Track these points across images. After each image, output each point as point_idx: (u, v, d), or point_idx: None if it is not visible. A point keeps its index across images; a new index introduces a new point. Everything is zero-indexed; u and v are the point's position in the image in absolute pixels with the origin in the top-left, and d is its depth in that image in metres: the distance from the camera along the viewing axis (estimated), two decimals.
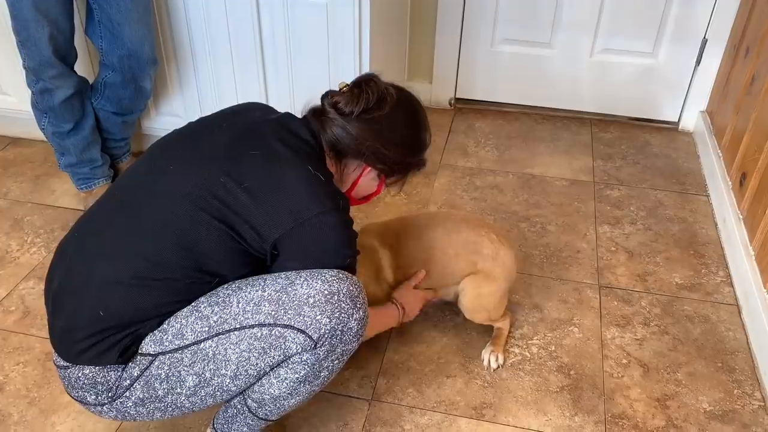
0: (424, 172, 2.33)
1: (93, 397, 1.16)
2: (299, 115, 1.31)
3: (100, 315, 1.11)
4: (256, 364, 1.14)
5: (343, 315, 1.14)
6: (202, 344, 1.13)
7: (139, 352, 1.14)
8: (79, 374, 1.15)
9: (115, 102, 2.06)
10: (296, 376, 1.16)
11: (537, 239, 2.06)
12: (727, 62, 2.39)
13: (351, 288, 1.17)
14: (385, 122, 1.27)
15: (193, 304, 1.16)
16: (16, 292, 1.83)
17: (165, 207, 1.14)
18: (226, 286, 1.18)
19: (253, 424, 1.26)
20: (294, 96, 2.14)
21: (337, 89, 1.30)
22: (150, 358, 1.13)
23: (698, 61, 2.48)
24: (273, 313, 1.13)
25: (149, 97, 2.13)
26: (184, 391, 1.15)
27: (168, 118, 2.32)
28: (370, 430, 1.48)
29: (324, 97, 1.30)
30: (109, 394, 1.15)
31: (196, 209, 1.13)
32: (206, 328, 1.13)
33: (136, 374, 1.14)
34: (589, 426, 1.50)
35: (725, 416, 1.52)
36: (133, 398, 1.15)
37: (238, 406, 1.25)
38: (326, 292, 1.14)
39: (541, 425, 1.50)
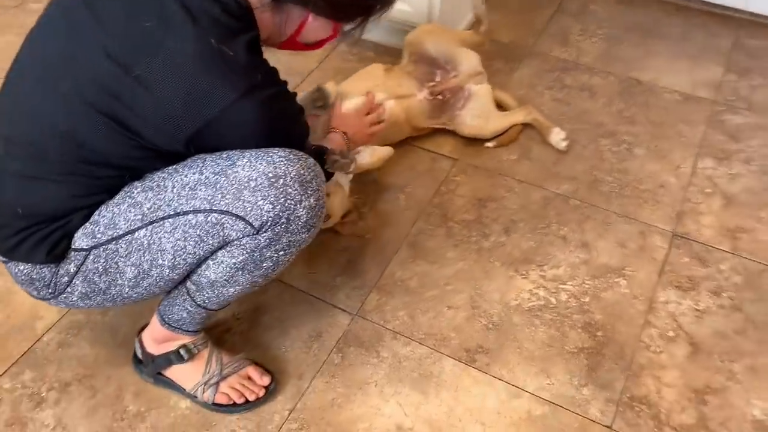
0: (505, 57, 1.99)
1: (35, 292, 1.09)
2: None
3: (18, 212, 1.01)
4: (194, 252, 1.02)
5: (289, 201, 0.98)
6: (136, 233, 1.01)
7: (72, 247, 1.03)
8: (16, 270, 1.07)
9: None
10: (234, 261, 1.03)
11: (616, 162, 1.69)
12: None
13: (302, 171, 0.99)
14: None
15: (125, 189, 1.03)
16: None
17: (49, 101, 0.98)
18: (162, 169, 1.02)
19: (192, 310, 1.14)
20: None
21: None
22: (84, 252, 1.03)
23: None
24: (209, 198, 0.98)
25: None
26: (126, 283, 1.06)
27: None
28: (342, 348, 1.32)
29: None
30: (49, 290, 1.07)
31: (81, 103, 0.95)
32: (139, 216, 1.01)
33: (72, 270, 1.04)
34: (596, 403, 1.24)
35: None
36: (76, 293, 1.07)
37: (179, 287, 1.14)
38: (270, 175, 0.97)
39: (538, 388, 1.26)
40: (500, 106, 1.76)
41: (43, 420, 1.22)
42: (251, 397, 1.22)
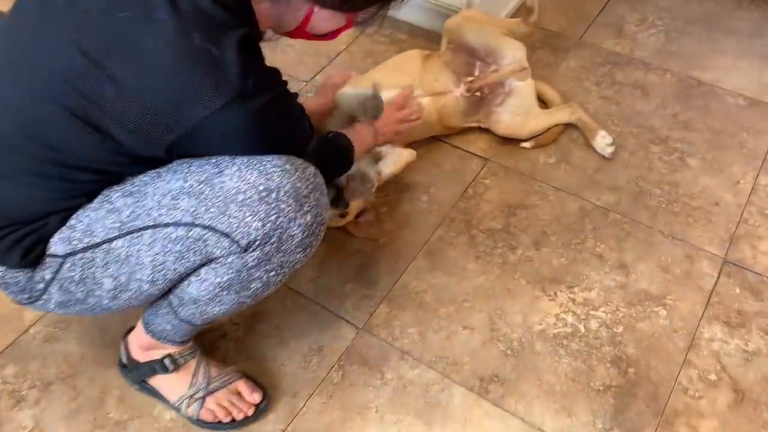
0: (552, 46, 1.82)
1: (11, 296, 1.00)
2: None
3: None
4: (174, 269, 0.92)
5: (281, 219, 0.87)
6: (114, 243, 0.91)
7: (48, 253, 0.93)
8: None
9: None
10: (218, 279, 0.93)
11: (666, 173, 1.52)
12: None
13: (299, 184, 0.88)
14: None
15: (104, 193, 0.92)
16: None
17: (16, 94, 0.87)
18: (146, 172, 0.91)
19: (175, 324, 1.05)
20: None
21: None
22: (60, 259, 0.93)
23: None
24: (192, 209, 0.88)
25: None
26: (104, 294, 0.96)
27: None
28: (344, 365, 1.21)
29: None
30: (25, 296, 0.98)
31: (49, 102, 0.84)
32: (117, 224, 0.91)
33: (48, 277, 0.95)
34: None
35: None
36: (53, 301, 0.98)
37: (162, 298, 1.04)
38: (261, 188, 0.86)
39: (556, 428, 1.13)
40: (542, 101, 1.60)
41: (20, 421, 1.15)
42: (238, 416, 1.12)
